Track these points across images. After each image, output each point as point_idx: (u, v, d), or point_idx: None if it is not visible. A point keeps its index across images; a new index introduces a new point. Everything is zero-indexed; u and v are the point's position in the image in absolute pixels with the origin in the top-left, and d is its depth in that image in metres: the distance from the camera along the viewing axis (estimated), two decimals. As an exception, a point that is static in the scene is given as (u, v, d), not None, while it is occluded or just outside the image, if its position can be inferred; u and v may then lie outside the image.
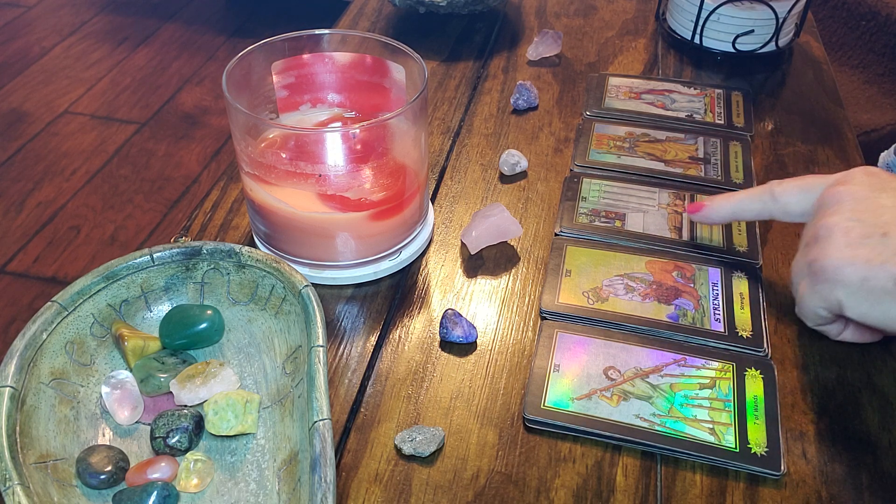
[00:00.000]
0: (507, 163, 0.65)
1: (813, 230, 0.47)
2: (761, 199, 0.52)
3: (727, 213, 0.55)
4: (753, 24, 0.79)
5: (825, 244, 0.45)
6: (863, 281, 0.43)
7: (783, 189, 0.51)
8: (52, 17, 2.42)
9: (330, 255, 0.55)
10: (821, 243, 0.46)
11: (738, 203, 0.54)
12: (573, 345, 0.50)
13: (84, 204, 1.73)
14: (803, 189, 0.50)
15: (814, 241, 0.47)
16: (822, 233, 0.46)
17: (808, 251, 0.47)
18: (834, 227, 0.45)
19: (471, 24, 0.88)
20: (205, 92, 2.10)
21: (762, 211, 0.53)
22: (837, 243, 0.45)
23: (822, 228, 0.46)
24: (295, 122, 0.60)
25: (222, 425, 0.43)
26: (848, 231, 0.45)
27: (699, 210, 0.56)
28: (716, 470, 0.44)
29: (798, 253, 0.49)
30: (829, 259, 0.45)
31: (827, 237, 0.45)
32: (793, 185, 0.51)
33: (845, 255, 0.44)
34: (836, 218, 0.46)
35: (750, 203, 0.53)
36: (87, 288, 0.47)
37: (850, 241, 0.44)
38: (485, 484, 0.43)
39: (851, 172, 0.48)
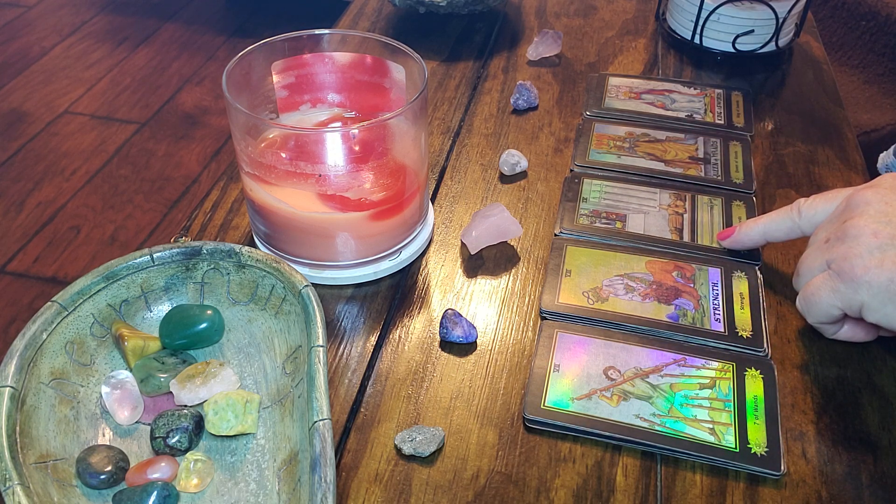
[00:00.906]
0: (507, 163, 0.65)
1: (839, 228, 0.47)
2: (790, 217, 0.52)
3: (758, 234, 0.55)
4: (753, 24, 0.79)
5: (853, 244, 0.45)
6: (889, 282, 0.43)
7: (809, 205, 0.52)
8: (52, 17, 2.42)
9: (330, 255, 0.55)
10: (848, 243, 0.45)
11: (767, 223, 0.54)
12: (573, 345, 0.50)
13: (84, 204, 1.73)
14: (829, 200, 0.51)
15: (839, 240, 0.46)
16: (850, 232, 0.45)
17: (830, 248, 0.47)
18: (863, 228, 0.45)
19: (471, 24, 0.88)
20: (205, 92, 2.10)
21: (792, 228, 0.53)
22: (867, 244, 0.44)
23: (850, 228, 0.46)
24: (295, 122, 0.60)
25: (222, 425, 0.43)
26: (877, 233, 0.44)
27: (730, 235, 0.56)
28: (716, 470, 0.44)
29: (812, 248, 0.49)
30: (858, 259, 0.44)
31: (855, 237, 0.45)
32: (819, 199, 0.51)
33: (874, 257, 0.44)
34: (864, 220, 0.45)
35: (779, 221, 0.53)
36: (87, 288, 0.47)
37: (879, 244, 0.44)
38: (485, 484, 0.43)
39: (879, 178, 0.48)
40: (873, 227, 0.45)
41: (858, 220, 0.46)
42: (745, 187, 0.64)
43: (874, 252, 0.44)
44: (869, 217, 0.45)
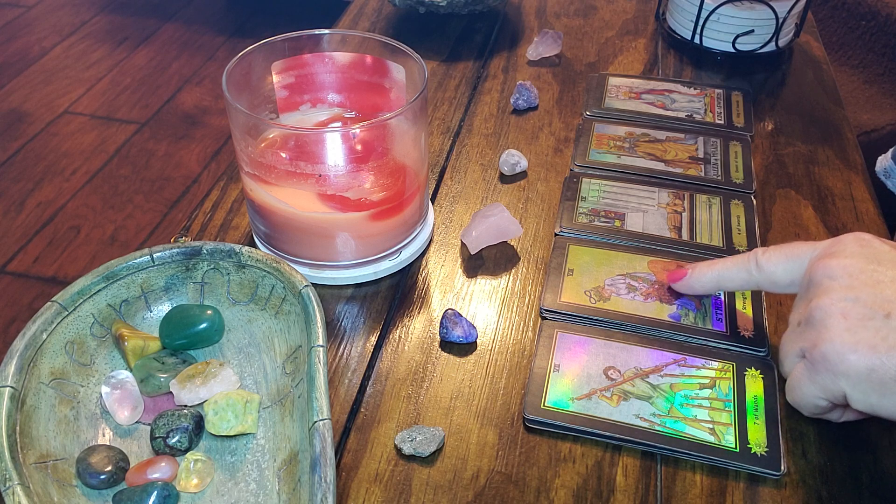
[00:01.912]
0: (507, 163, 0.65)
1: (805, 310, 0.43)
2: (746, 269, 0.48)
3: (710, 282, 0.51)
4: (753, 24, 0.79)
5: (822, 329, 0.41)
6: (870, 371, 0.39)
7: (768, 258, 0.47)
8: (52, 17, 2.42)
9: (330, 255, 0.55)
10: (816, 328, 0.41)
11: (721, 272, 0.50)
12: (573, 345, 0.50)
13: (84, 204, 1.73)
14: (790, 258, 0.46)
15: (808, 325, 0.42)
16: (816, 315, 0.41)
17: (801, 335, 0.43)
18: (829, 309, 0.41)
19: (471, 24, 0.88)
20: (205, 92, 2.10)
21: (747, 280, 0.48)
22: (836, 328, 0.40)
23: (815, 310, 0.41)
24: (295, 122, 0.60)
25: (222, 425, 0.43)
26: (846, 313, 0.40)
27: (680, 279, 0.52)
28: (716, 470, 0.44)
29: (788, 332, 0.45)
30: (829, 346, 0.40)
31: (822, 320, 0.41)
32: (778, 254, 0.47)
33: (846, 342, 0.39)
34: (830, 298, 0.41)
35: (734, 272, 0.49)
36: (87, 288, 0.47)
37: (849, 325, 0.40)
38: (485, 484, 0.43)
39: (841, 241, 0.44)
40: (841, 307, 0.40)
41: (823, 300, 0.41)
42: (745, 187, 0.64)
43: (845, 336, 0.39)
44: (835, 295, 0.41)
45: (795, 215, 0.62)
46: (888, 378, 0.38)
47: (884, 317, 0.39)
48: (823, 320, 0.41)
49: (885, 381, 0.38)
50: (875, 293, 0.40)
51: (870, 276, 0.41)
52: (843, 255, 0.43)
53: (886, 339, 0.39)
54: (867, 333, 0.39)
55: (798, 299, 0.45)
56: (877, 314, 0.39)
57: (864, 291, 0.40)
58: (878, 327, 0.39)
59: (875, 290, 0.40)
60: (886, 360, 0.38)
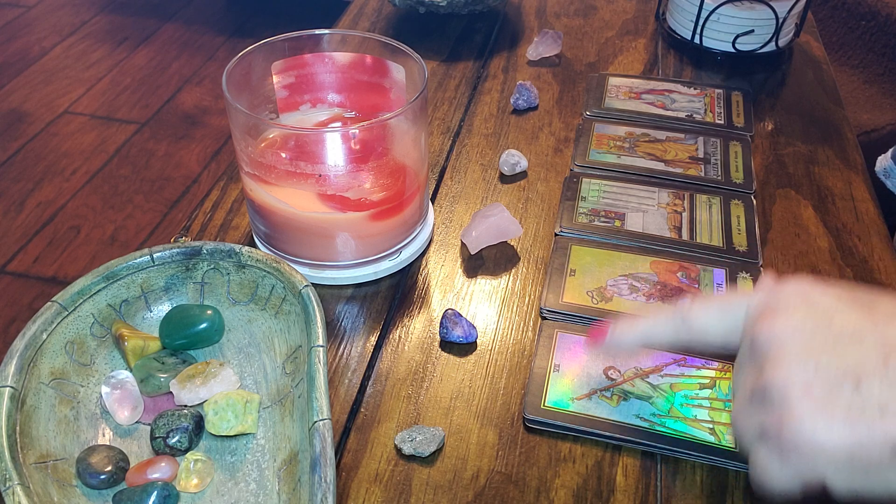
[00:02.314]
0: (507, 163, 0.65)
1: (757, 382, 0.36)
2: (673, 325, 0.42)
3: (634, 340, 0.43)
4: (753, 24, 0.79)
5: (785, 408, 0.34)
6: (850, 456, 0.33)
7: (696, 314, 0.41)
8: (52, 17, 2.42)
9: (330, 255, 0.55)
10: (777, 406, 0.35)
11: (646, 330, 0.43)
12: (573, 345, 0.50)
13: (84, 204, 1.73)
14: (721, 312, 0.40)
15: (765, 401, 0.36)
16: (774, 392, 0.35)
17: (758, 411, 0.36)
18: (788, 383, 0.34)
19: (471, 24, 0.88)
20: (205, 92, 2.10)
21: (675, 338, 0.42)
22: (801, 406, 0.34)
23: (771, 385, 0.35)
24: (295, 122, 0.60)
25: (222, 425, 0.43)
26: (809, 388, 0.34)
27: (601, 338, 0.44)
28: (716, 470, 0.44)
29: (737, 404, 0.38)
30: (798, 428, 0.34)
31: (783, 398, 0.34)
32: (707, 309, 0.41)
33: (817, 421, 0.33)
34: (786, 369, 0.35)
35: (660, 329, 0.42)
36: (87, 288, 0.47)
37: (816, 402, 0.34)
38: (485, 484, 0.43)
39: (779, 294, 0.38)
40: (801, 380, 0.34)
41: (779, 374, 0.35)
42: (745, 187, 0.64)
43: (815, 416, 0.33)
44: (791, 366, 0.35)
45: (795, 215, 0.62)
46: (872, 461, 0.33)
47: (853, 386, 0.34)
48: (784, 397, 0.35)
49: (868, 464, 0.33)
50: (836, 357, 0.35)
51: (825, 337, 0.35)
52: (787, 312, 0.37)
53: (863, 412, 0.33)
54: (839, 411, 0.33)
55: (740, 364, 0.39)
56: (844, 383, 0.34)
57: (824, 357, 0.35)
58: (850, 400, 0.33)
59: (834, 353, 0.35)
60: (867, 440, 0.33)
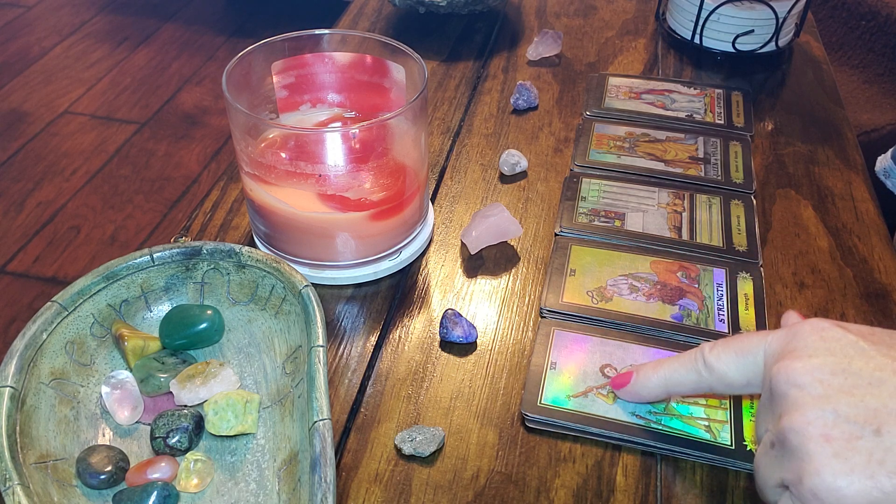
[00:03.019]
0: (507, 163, 0.65)
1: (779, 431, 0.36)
2: (694, 369, 0.42)
3: (656, 386, 0.44)
4: (753, 24, 0.79)
5: (804, 458, 0.34)
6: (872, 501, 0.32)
7: (716, 356, 0.41)
8: (52, 17, 2.42)
9: (330, 255, 0.55)
10: (797, 456, 0.34)
11: (668, 375, 0.43)
12: (570, 342, 0.50)
13: (84, 204, 1.73)
14: (740, 354, 0.40)
15: (784, 450, 0.35)
16: (792, 439, 0.35)
17: (779, 463, 0.36)
18: (807, 431, 0.34)
19: (471, 24, 0.88)
20: (205, 92, 2.10)
21: (698, 383, 0.42)
22: (820, 455, 0.33)
23: (790, 433, 0.35)
24: (295, 122, 0.60)
25: (222, 425, 0.43)
26: (828, 434, 0.34)
27: (624, 385, 0.46)
28: (716, 470, 0.44)
29: (761, 451, 0.38)
30: (818, 481, 0.33)
31: (802, 447, 0.34)
32: (726, 351, 0.41)
33: (838, 474, 0.33)
34: (804, 416, 0.34)
35: (682, 373, 0.43)
36: (87, 288, 0.47)
37: (836, 450, 0.33)
38: (485, 484, 0.43)
39: (798, 335, 0.38)
40: (820, 428, 0.34)
41: (797, 420, 0.35)
42: (745, 187, 0.64)
43: (835, 466, 0.33)
44: (809, 412, 0.34)
45: (795, 215, 0.62)
46: None
47: (873, 433, 0.33)
48: (803, 446, 0.34)
49: None
50: (856, 402, 0.34)
51: (844, 381, 0.35)
52: (806, 354, 0.36)
53: (883, 462, 0.33)
54: (859, 458, 0.33)
55: (763, 408, 0.39)
56: (865, 431, 0.33)
57: (843, 402, 0.34)
58: (871, 449, 0.33)
59: (854, 397, 0.34)
60: (890, 490, 0.32)
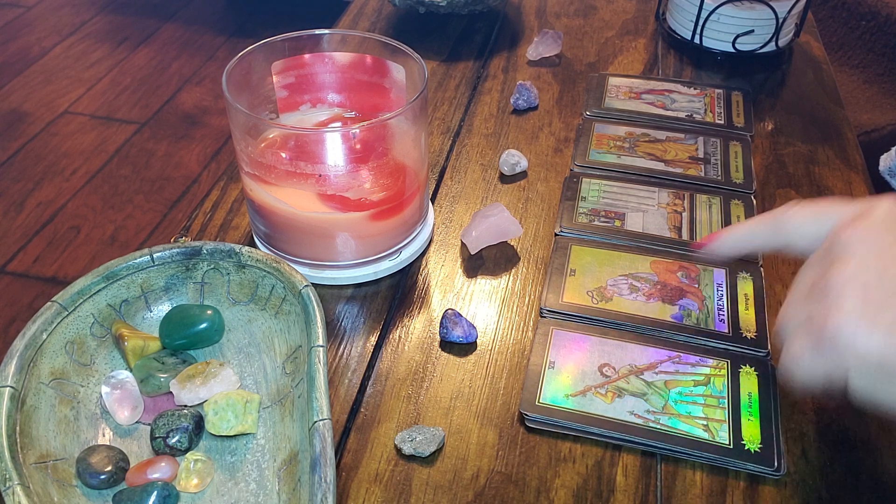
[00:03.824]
0: (507, 163, 0.65)
1: (822, 275, 0.38)
2: (771, 228, 0.44)
3: (735, 244, 0.47)
4: (753, 24, 0.79)
5: (837, 300, 0.36)
6: (881, 357, 0.35)
7: (793, 218, 0.43)
8: (52, 17, 2.42)
9: (330, 255, 0.55)
10: (830, 298, 0.37)
11: (745, 233, 0.47)
12: (568, 342, 0.50)
13: (84, 204, 1.73)
14: (817, 217, 0.42)
15: (821, 293, 0.37)
16: (833, 284, 0.37)
17: (812, 301, 0.38)
18: (847, 283, 0.36)
19: (471, 24, 0.88)
20: (205, 92, 2.10)
21: (771, 240, 0.45)
22: (852, 304, 0.36)
23: (833, 278, 0.37)
24: (295, 122, 0.60)
25: (222, 425, 0.43)
26: (866, 289, 0.36)
27: (706, 244, 0.48)
28: (716, 470, 0.44)
29: (793, 296, 0.40)
30: (842, 322, 0.36)
31: (839, 292, 0.36)
32: (804, 213, 0.43)
33: (862, 322, 0.35)
34: (851, 270, 0.37)
35: (758, 233, 0.46)
36: (87, 288, 0.47)
37: (867, 303, 0.35)
38: (485, 484, 0.43)
39: (872, 207, 0.39)
40: (863, 281, 0.36)
41: (845, 270, 0.37)
42: (745, 187, 0.64)
43: (862, 314, 0.35)
44: (857, 267, 0.37)
45: (795, 215, 0.62)
46: None
47: None
48: (841, 292, 0.36)
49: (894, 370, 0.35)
50: None
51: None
52: (873, 223, 0.38)
53: None
54: (887, 316, 0.35)
55: (811, 262, 0.40)
56: None
57: (891, 269, 0.36)
58: None
59: None
60: None
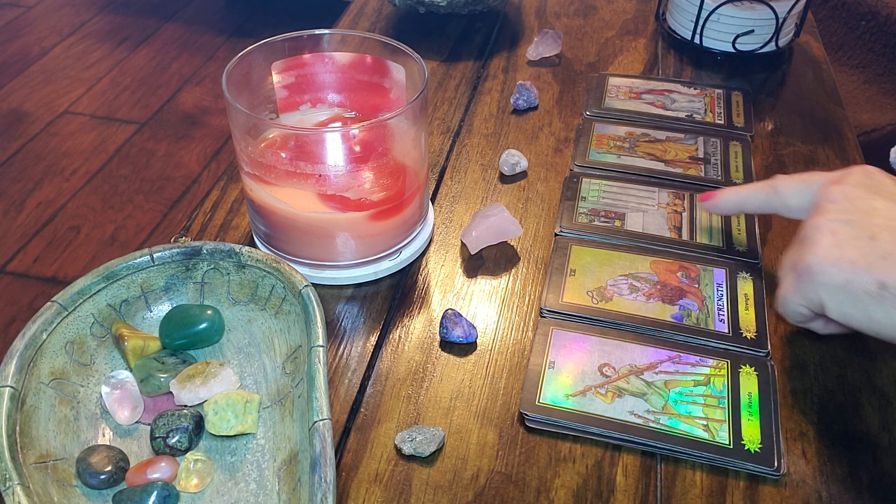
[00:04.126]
0: (507, 163, 0.65)
1: (802, 229, 0.47)
2: (765, 192, 0.53)
3: (734, 203, 0.56)
4: (753, 24, 0.79)
5: (811, 243, 0.45)
6: (846, 283, 0.42)
7: (785, 184, 0.52)
8: (52, 17, 2.42)
9: (330, 255, 0.55)
10: (807, 242, 0.45)
11: (744, 195, 0.55)
12: (568, 342, 0.50)
13: (84, 204, 1.73)
14: (803, 183, 0.51)
15: (802, 240, 0.46)
16: (808, 232, 0.46)
17: (795, 249, 0.47)
18: (822, 227, 0.45)
19: (471, 24, 0.88)
20: (205, 92, 2.10)
21: (765, 203, 0.53)
22: (824, 243, 0.44)
23: (809, 227, 0.46)
24: (295, 122, 0.60)
25: (222, 425, 0.43)
26: (835, 232, 0.44)
27: (709, 199, 0.57)
28: (716, 470, 0.44)
29: (791, 248, 0.49)
30: (814, 258, 0.44)
31: (813, 236, 0.45)
32: (794, 180, 0.52)
33: (831, 256, 0.43)
34: (825, 217, 0.45)
35: (755, 195, 0.54)
36: (87, 288, 0.47)
37: (836, 242, 0.44)
38: (485, 484, 0.43)
39: (849, 171, 0.48)
40: (832, 226, 0.44)
41: (818, 219, 0.45)
42: (745, 187, 0.64)
43: (830, 251, 0.43)
44: (829, 216, 0.45)
45: (795, 215, 0.62)
46: (861, 291, 0.42)
47: (869, 238, 0.43)
48: (814, 236, 0.45)
49: (858, 294, 0.42)
50: (867, 218, 0.44)
51: (865, 203, 0.45)
52: (847, 182, 0.47)
53: (867, 257, 0.42)
54: (851, 251, 0.43)
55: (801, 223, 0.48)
56: (863, 236, 0.43)
57: (857, 216, 0.44)
58: (862, 247, 0.43)
59: (867, 215, 0.44)
60: (863, 275, 0.42)
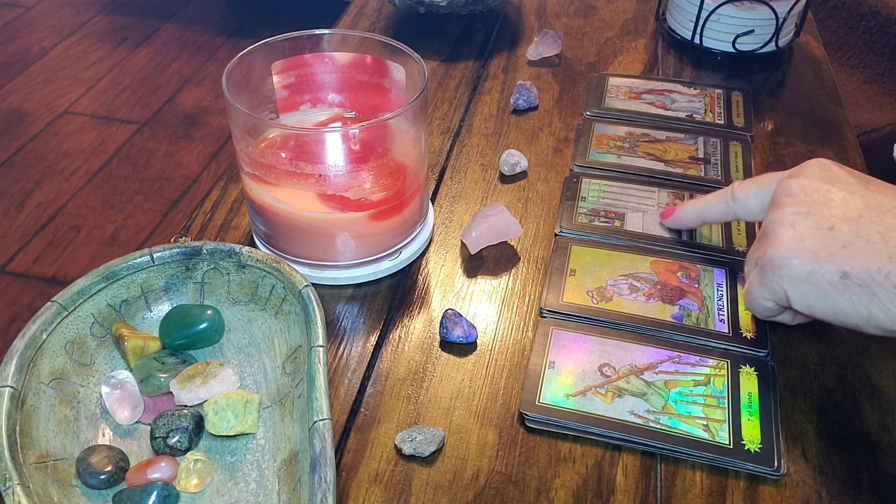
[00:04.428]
0: (507, 163, 0.65)
1: (763, 225, 0.47)
2: (724, 200, 0.53)
3: (694, 216, 0.56)
4: (753, 24, 0.79)
5: (772, 238, 0.45)
6: (809, 274, 0.43)
7: (741, 189, 0.52)
8: (52, 17, 2.42)
9: (330, 255, 0.55)
10: (769, 237, 0.45)
11: (703, 206, 0.55)
12: (568, 342, 0.50)
13: (84, 204, 1.73)
14: (759, 185, 0.50)
15: (762, 236, 0.47)
16: (769, 227, 0.46)
17: (757, 245, 0.47)
18: (782, 221, 0.45)
19: (471, 24, 0.88)
20: (205, 92, 2.10)
21: (725, 212, 0.53)
22: (785, 236, 0.44)
23: (770, 222, 0.46)
24: (295, 122, 0.60)
25: (222, 425, 0.43)
26: (795, 224, 0.44)
27: (669, 215, 0.58)
28: (716, 470, 0.44)
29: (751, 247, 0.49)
30: (775, 251, 0.44)
31: (774, 231, 0.45)
32: (750, 183, 0.51)
33: (792, 248, 0.44)
34: (783, 211, 0.45)
35: (714, 205, 0.54)
36: (87, 288, 0.47)
37: (797, 234, 0.44)
38: (485, 484, 0.43)
39: (805, 165, 0.48)
40: (791, 219, 0.45)
41: (777, 214, 0.46)
42: (745, 187, 0.64)
43: (791, 244, 0.44)
44: (788, 209, 0.45)
45: (795, 215, 0.62)
46: (824, 282, 0.43)
47: (828, 229, 0.43)
48: (774, 230, 0.45)
49: (821, 284, 0.43)
50: (824, 210, 0.44)
51: (822, 195, 0.45)
52: (803, 176, 0.47)
53: (828, 247, 0.43)
54: (811, 242, 0.43)
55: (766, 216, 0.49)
56: (822, 227, 0.44)
57: (815, 208, 0.45)
58: (822, 237, 0.43)
59: (825, 206, 0.44)
60: (825, 265, 0.42)
